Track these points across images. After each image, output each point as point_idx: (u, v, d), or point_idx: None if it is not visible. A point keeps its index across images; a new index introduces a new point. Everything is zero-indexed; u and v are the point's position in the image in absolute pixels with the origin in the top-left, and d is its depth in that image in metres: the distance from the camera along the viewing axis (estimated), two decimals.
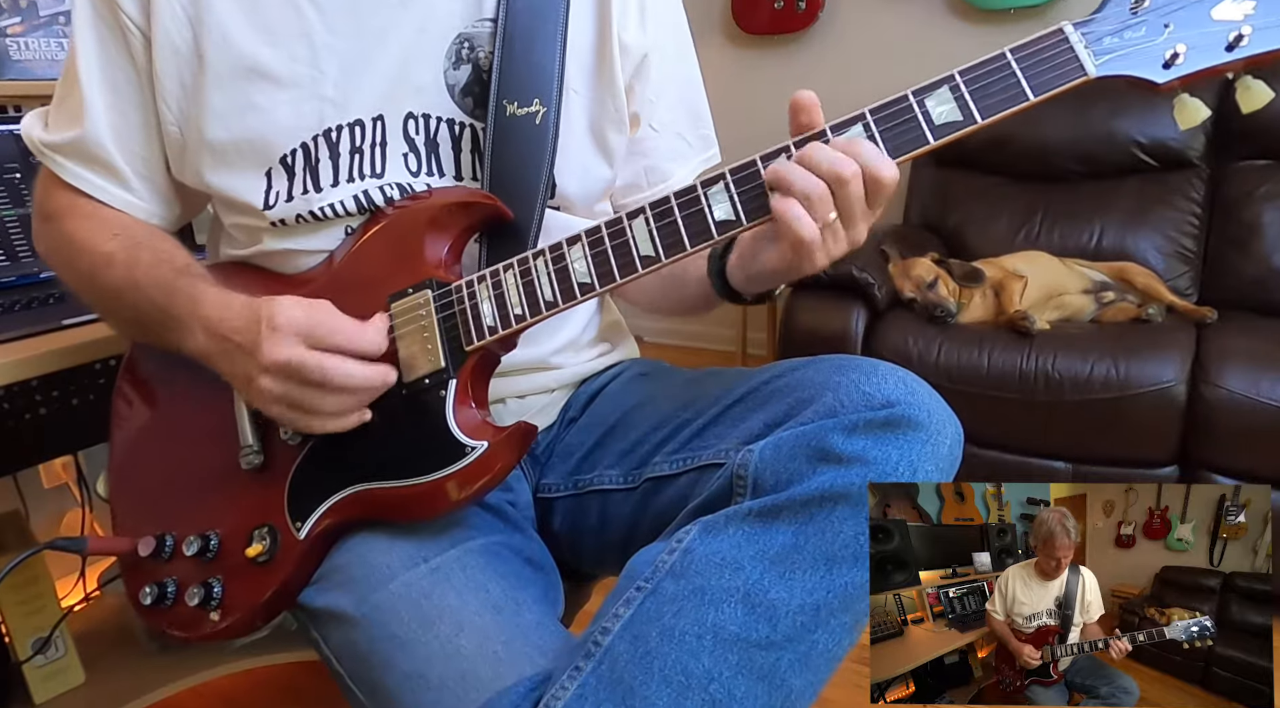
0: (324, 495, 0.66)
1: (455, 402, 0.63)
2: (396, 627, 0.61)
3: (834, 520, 0.53)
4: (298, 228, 0.72)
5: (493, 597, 0.62)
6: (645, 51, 0.77)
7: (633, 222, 0.60)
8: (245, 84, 0.69)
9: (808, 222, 0.55)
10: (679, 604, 0.54)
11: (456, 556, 0.65)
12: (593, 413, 0.81)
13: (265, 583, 0.67)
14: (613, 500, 0.74)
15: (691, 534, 0.57)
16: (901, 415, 0.55)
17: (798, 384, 0.63)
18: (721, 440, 0.66)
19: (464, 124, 0.72)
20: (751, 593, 0.53)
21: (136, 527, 0.76)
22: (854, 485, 0.54)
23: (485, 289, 0.64)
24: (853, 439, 0.55)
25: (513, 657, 0.58)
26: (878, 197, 0.56)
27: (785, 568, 0.53)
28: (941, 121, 0.55)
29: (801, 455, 0.56)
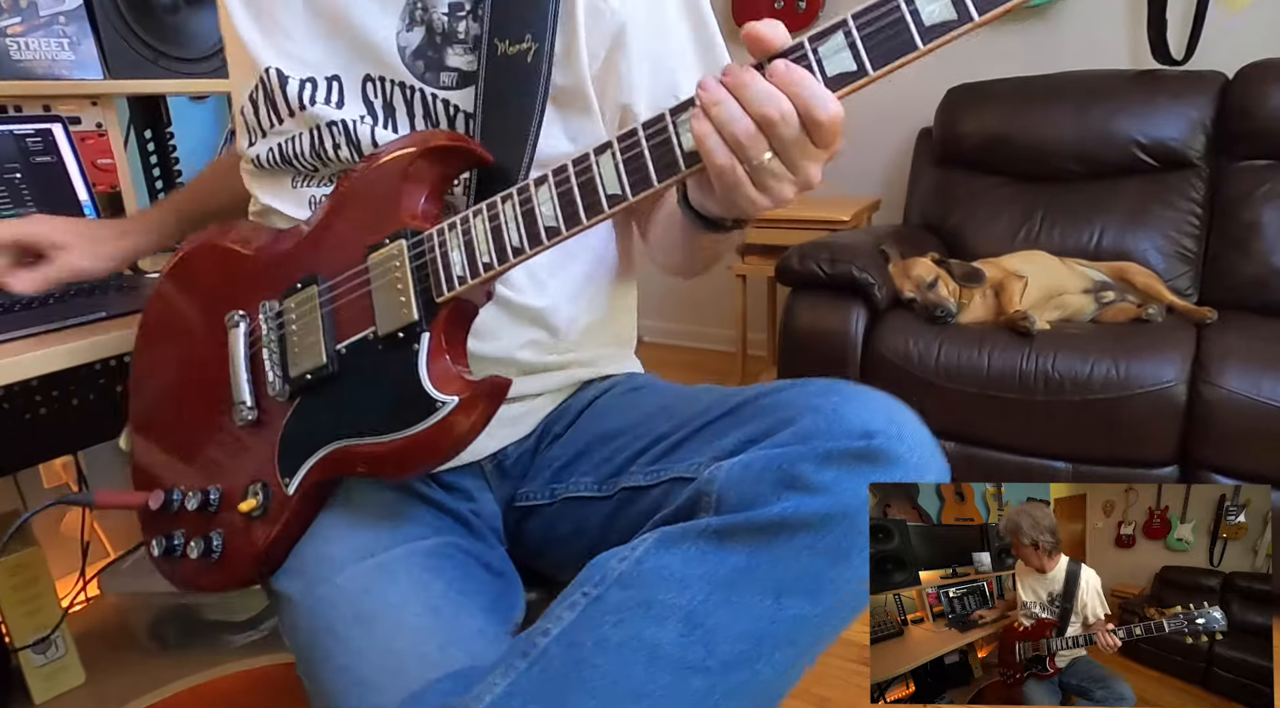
0: (309, 451, 0.67)
1: (429, 355, 0.62)
2: (335, 620, 0.61)
3: (790, 549, 0.51)
4: (271, 176, 0.77)
5: (433, 598, 0.62)
6: (622, 21, 0.70)
7: (599, 157, 0.56)
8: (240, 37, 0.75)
9: (722, 150, 0.51)
10: (620, 615, 0.52)
11: (404, 554, 0.65)
12: (578, 427, 0.78)
13: (259, 537, 0.69)
14: (587, 509, 0.72)
15: (646, 544, 0.55)
16: (880, 448, 0.52)
17: (781, 404, 0.60)
18: (697, 454, 0.64)
19: (414, 88, 0.71)
20: (694, 613, 0.51)
21: (151, 481, 0.78)
22: (815, 516, 0.51)
23: (455, 237, 0.62)
24: (824, 468, 0.52)
25: (446, 660, 0.57)
26: (819, 136, 0.51)
27: (733, 592, 0.51)
28: (933, 21, 0.49)
29: (769, 478, 0.53)
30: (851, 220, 2.36)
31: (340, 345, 0.66)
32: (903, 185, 2.49)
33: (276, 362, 0.69)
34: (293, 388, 0.68)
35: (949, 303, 1.81)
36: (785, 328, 1.91)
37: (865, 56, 0.50)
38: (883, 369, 1.79)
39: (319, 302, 0.67)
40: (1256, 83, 1.97)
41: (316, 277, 0.68)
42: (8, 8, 1.26)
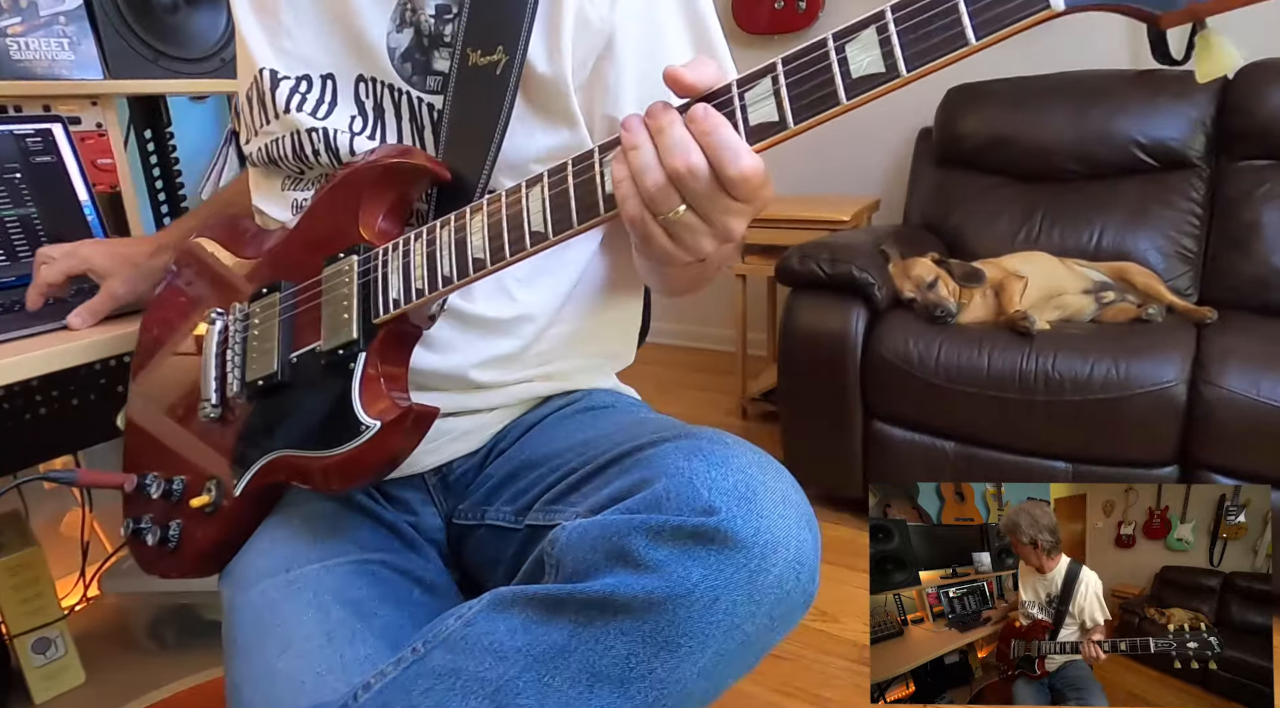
0: (257, 456, 0.67)
1: (363, 376, 0.61)
2: (241, 632, 0.62)
3: (608, 632, 0.46)
4: (262, 175, 0.77)
5: (329, 623, 0.60)
6: (610, 32, 0.66)
7: (530, 191, 0.54)
8: (243, 35, 0.75)
9: (633, 201, 0.49)
10: (431, 683, 0.50)
11: (316, 571, 0.64)
12: (520, 445, 0.74)
13: (210, 533, 0.71)
14: (503, 539, 0.70)
15: (482, 603, 0.52)
16: (719, 528, 0.46)
17: (648, 461, 0.54)
18: (575, 505, 0.60)
19: (402, 91, 0.69)
20: (501, 692, 0.47)
21: (134, 465, 0.80)
22: (638, 597, 0.46)
23: (396, 259, 0.61)
24: (657, 544, 0.47)
25: (319, 689, 0.55)
26: (735, 191, 0.47)
27: (546, 672, 0.47)
28: (860, 73, 0.45)
29: (603, 547, 0.48)
30: (851, 220, 2.36)
31: (292, 355, 0.66)
32: (903, 185, 2.49)
33: (238, 364, 0.70)
34: (248, 392, 0.68)
35: (949, 303, 1.81)
36: (785, 328, 1.91)
37: (789, 108, 0.46)
38: (883, 369, 1.79)
39: (279, 309, 0.68)
40: (1256, 83, 1.97)
41: (281, 284, 0.68)
42: (8, 8, 1.26)
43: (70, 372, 0.92)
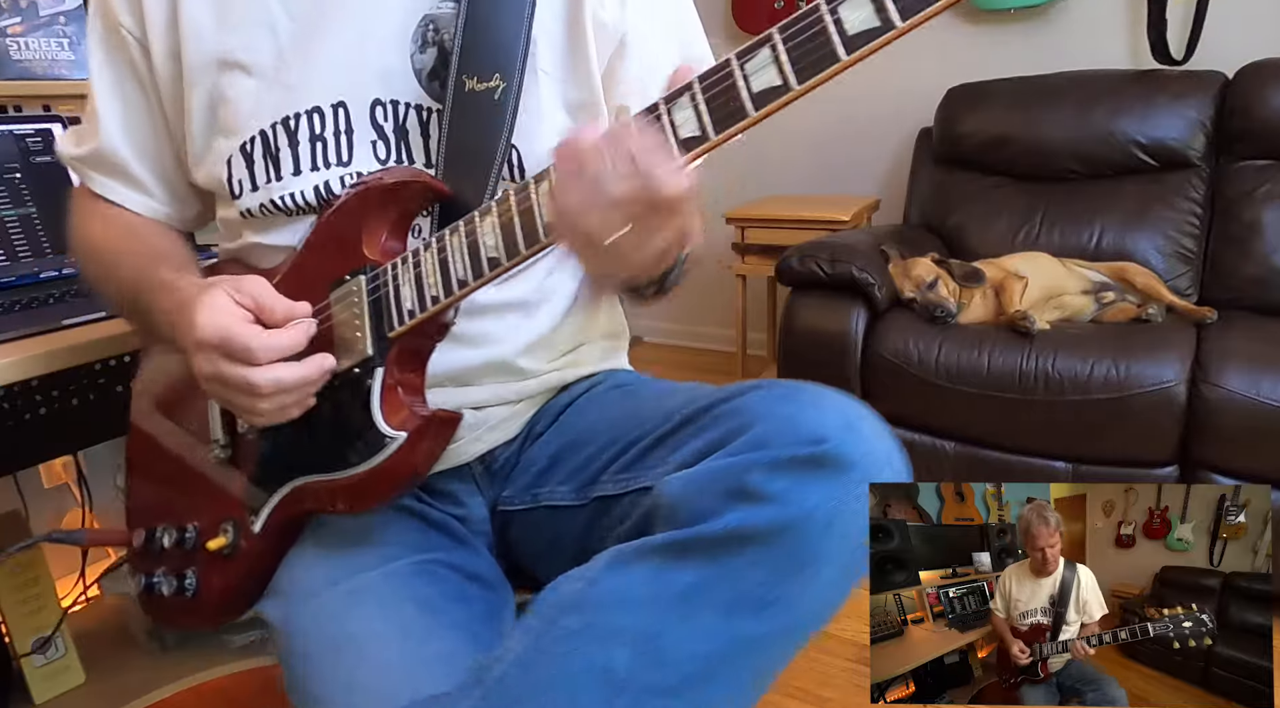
0: (273, 489, 0.67)
1: (382, 391, 0.62)
2: (308, 647, 0.61)
3: (740, 564, 0.50)
4: (267, 220, 0.73)
5: (403, 624, 0.61)
6: (625, 30, 0.72)
7: (539, 185, 0.55)
8: (215, 77, 0.70)
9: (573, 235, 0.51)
10: (572, 641, 0.51)
11: (378, 577, 0.64)
12: (558, 427, 0.77)
13: (230, 576, 0.70)
14: (564, 517, 0.71)
15: (600, 564, 0.54)
16: (831, 453, 0.50)
17: (738, 411, 0.58)
18: (660, 465, 0.62)
19: (430, 109, 0.70)
20: (645, 635, 0.50)
21: (141, 519, 0.77)
22: (762, 527, 0.49)
23: (407, 271, 0.61)
24: (774, 477, 0.50)
25: (409, 689, 0.56)
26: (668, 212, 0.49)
27: (683, 611, 0.50)
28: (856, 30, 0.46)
29: (718, 490, 0.52)
30: (851, 220, 2.36)
31: None
32: (903, 185, 2.49)
33: None
34: (260, 426, 0.67)
35: (949, 303, 1.81)
36: (785, 328, 1.91)
37: (790, 70, 0.47)
38: (882, 369, 1.79)
39: None
40: (1256, 83, 1.97)
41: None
42: (8, 8, 1.26)
43: (70, 372, 0.92)
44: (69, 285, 1.15)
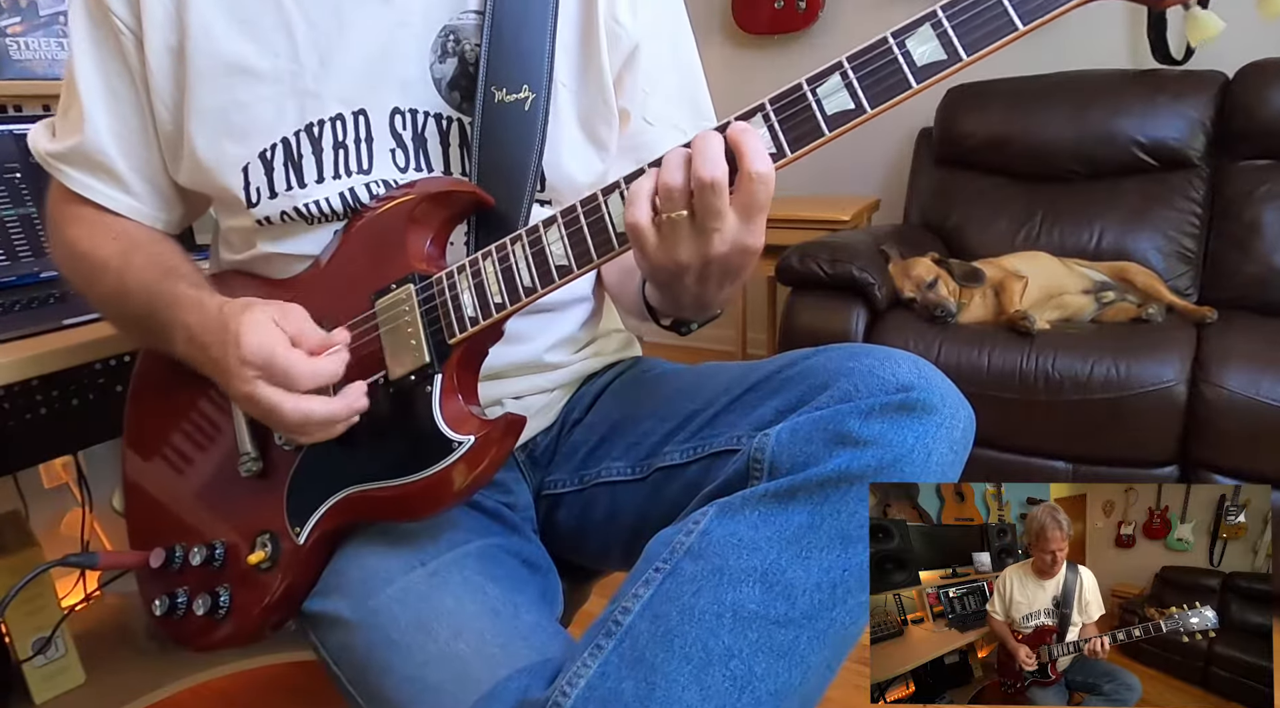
0: (320, 500, 0.66)
1: (442, 396, 0.63)
2: (394, 631, 0.61)
3: (849, 501, 0.54)
4: (285, 228, 0.72)
5: (490, 600, 0.62)
6: (636, 41, 0.75)
7: (608, 198, 0.58)
8: (228, 81, 0.69)
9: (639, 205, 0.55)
10: (698, 584, 0.54)
11: (453, 559, 0.65)
12: (598, 411, 0.80)
13: (269, 590, 0.67)
14: (621, 492, 0.74)
15: (708, 516, 0.57)
16: (917, 399, 0.56)
17: (811, 371, 0.64)
18: (734, 428, 0.67)
19: (451, 118, 0.71)
20: (770, 572, 0.53)
21: (150, 539, 0.76)
22: (869, 467, 0.54)
23: (465, 279, 0.63)
24: (869, 422, 0.56)
25: (510, 658, 0.58)
26: (752, 197, 0.54)
27: (802, 548, 0.54)
28: (925, 62, 0.53)
29: (819, 438, 0.57)
30: (851, 220, 2.36)
31: None
32: (903, 185, 2.49)
33: None
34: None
35: (949, 303, 1.81)
36: (785, 328, 1.91)
37: (863, 95, 0.53)
38: None
39: None
40: (1256, 83, 1.97)
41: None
42: (8, 8, 1.26)
43: (70, 372, 0.92)
44: (69, 285, 1.15)
